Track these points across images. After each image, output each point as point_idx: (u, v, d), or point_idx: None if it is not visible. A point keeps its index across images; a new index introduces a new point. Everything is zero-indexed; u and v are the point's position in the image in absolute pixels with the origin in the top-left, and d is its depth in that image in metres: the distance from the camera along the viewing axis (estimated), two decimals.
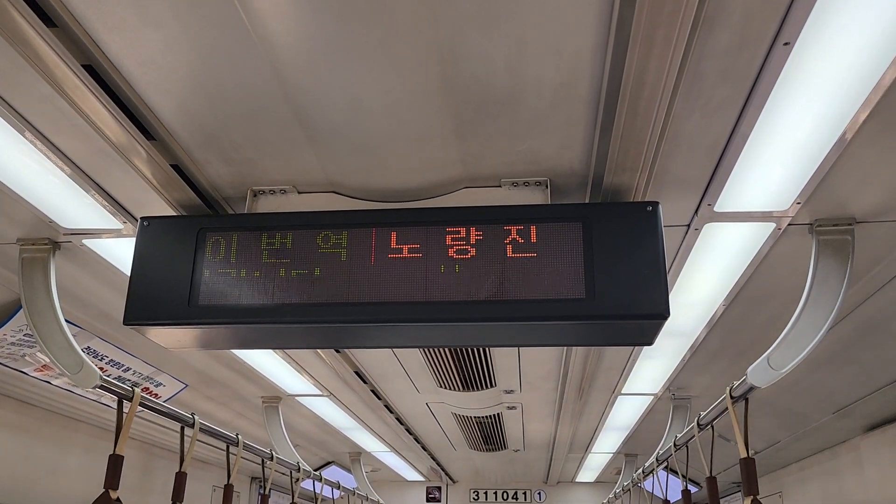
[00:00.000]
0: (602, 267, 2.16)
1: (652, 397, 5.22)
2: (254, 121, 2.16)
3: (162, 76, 1.97)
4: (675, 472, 6.23)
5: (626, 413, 5.77)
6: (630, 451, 7.30)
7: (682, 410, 5.06)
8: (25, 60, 1.85)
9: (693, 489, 6.51)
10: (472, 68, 1.90)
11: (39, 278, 2.88)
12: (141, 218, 2.40)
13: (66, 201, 2.61)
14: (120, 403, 2.93)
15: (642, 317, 2.14)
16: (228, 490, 3.83)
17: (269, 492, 4.54)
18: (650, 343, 2.35)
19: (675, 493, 4.95)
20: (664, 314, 2.12)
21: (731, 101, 2.00)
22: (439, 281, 2.22)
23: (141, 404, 3.00)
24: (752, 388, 2.61)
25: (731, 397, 2.79)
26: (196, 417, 3.53)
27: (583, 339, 2.48)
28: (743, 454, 2.68)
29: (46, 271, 2.88)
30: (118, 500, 2.75)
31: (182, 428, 3.47)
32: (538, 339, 2.42)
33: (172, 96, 2.05)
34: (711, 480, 3.27)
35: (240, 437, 4.08)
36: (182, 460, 3.34)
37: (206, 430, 3.65)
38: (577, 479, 9.94)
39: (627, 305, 2.13)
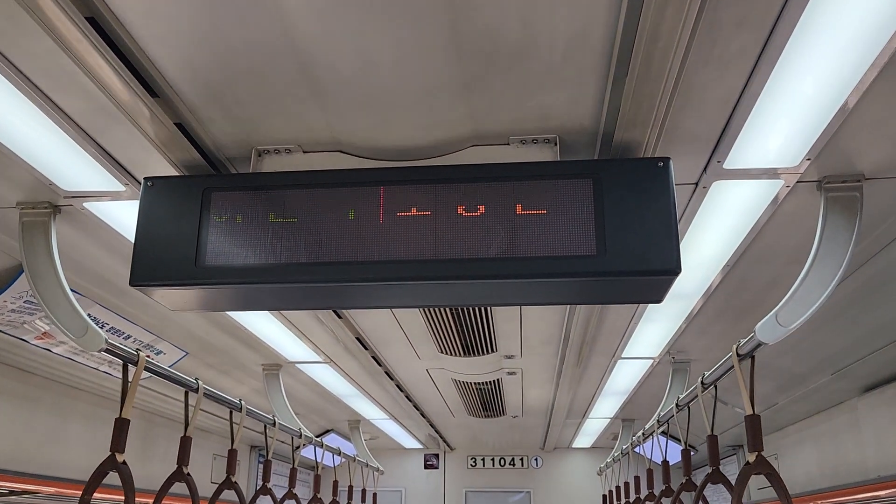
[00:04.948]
0: (612, 223, 2.15)
1: (651, 361, 5.25)
2: (259, 76, 2.11)
3: (166, 28, 1.92)
4: (673, 437, 6.32)
5: (624, 378, 5.81)
6: (627, 417, 7.37)
7: (681, 374, 5.10)
8: (27, 13, 1.80)
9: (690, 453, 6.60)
10: (483, 18, 1.86)
11: (40, 243, 2.84)
12: (145, 178, 2.37)
13: (66, 163, 2.56)
14: (125, 368, 2.92)
15: (653, 273, 2.14)
16: (232, 455, 3.85)
17: (271, 459, 4.57)
18: (659, 300, 2.35)
19: (671, 457, 5.01)
20: (675, 270, 2.12)
21: (745, 53, 1.97)
22: (448, 239, 2.20)
23: (145, 368, 2.99)
24: (759, 346, 2.62)
25: (738, 355, 2.80)
26: (200, 382, 3.53)
27: (592, 297, 2.48)
28: (749, 411, 2.70)
29: (47, 235, 2.84)
30: (124, 462, 2.75)
31: (186, 394, 3.47)
32: (548, 297, 2.41)
33: (176, 50, 2.01)
34: (712, 439, 3.30)
35: (243, 402, 4.09)
36: (186, 425, 3.35)
37: (210, 396, 3.66)
38: (573, 445, 10.05)
39: (638, 261, 2.13)
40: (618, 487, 6.57)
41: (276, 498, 4.46)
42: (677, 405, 3.99)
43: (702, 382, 3.38)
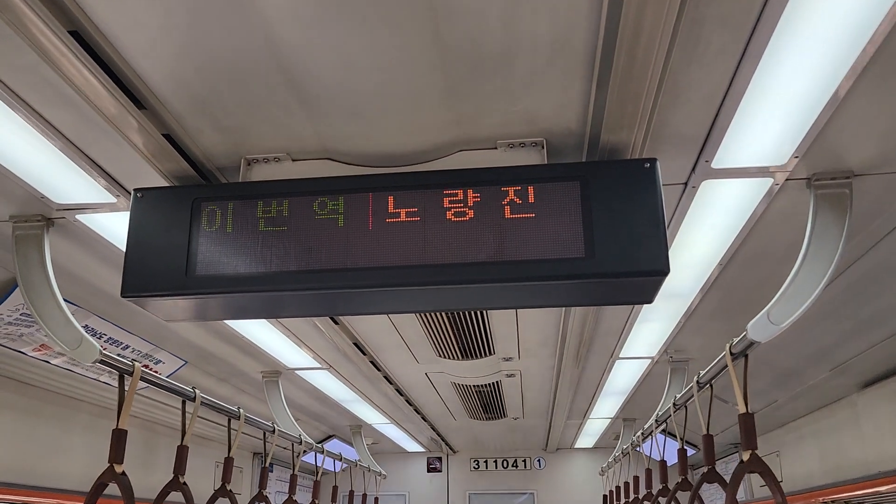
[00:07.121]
0: (601, 225, 2.16)
1: (649, 361, 5.25)
2: (245, 85, 2.12)
3: (149, 40, 1.93)
4: (672, 435, 6.31)
5: (623, 377, 5.80)
6: (628, 416, 7.36)
7: (679, 373, 5.10)
8: (9, 27, 1.81)
9: (690, 451, 6.58)
10: (465, 24, 1.87)
11: (34, 255, 2.85)
12: (135, 190, 2.38)
13: (57, 176, 2.57)
14: (121, 378, 2.92)
15: (642, 274, 2.14)
16: (228, 463, 3.85)
17: (272, 466, 4.57)
18: (650, 301, 2.35)
19: (671, 456, 5.01)
20: (664, 270, 2.13)
21: (728, 50, 1.97)
22: (438, 244, 2.21)
23: (142, 378, 3.00)
24: (752, 344, 2.62)
25: (731, 353, 2.80)
26: (197, 391, 3.53)
27: (582, 299, 2.49)
28: (742, 410, 2.70)
29: (41, 248, 2.85)
30: (123, 473, 2.76)
31: (183, 403, 3.47)
32: (538, 300, 2.42)
33: (161, 61, 2.02)
34: (708, 438, 3.30)
35: (241, 410, 4.09)
36: (183, 434, 3.35)
37: (207, 404, 3.66)
38: (575, 446, 10.03)
39: (627, 263, 2.13)
40: (618, 487, 6.56)
41: None
42: (674, 405, 3.99)
43: (697, 382, 3.38)
